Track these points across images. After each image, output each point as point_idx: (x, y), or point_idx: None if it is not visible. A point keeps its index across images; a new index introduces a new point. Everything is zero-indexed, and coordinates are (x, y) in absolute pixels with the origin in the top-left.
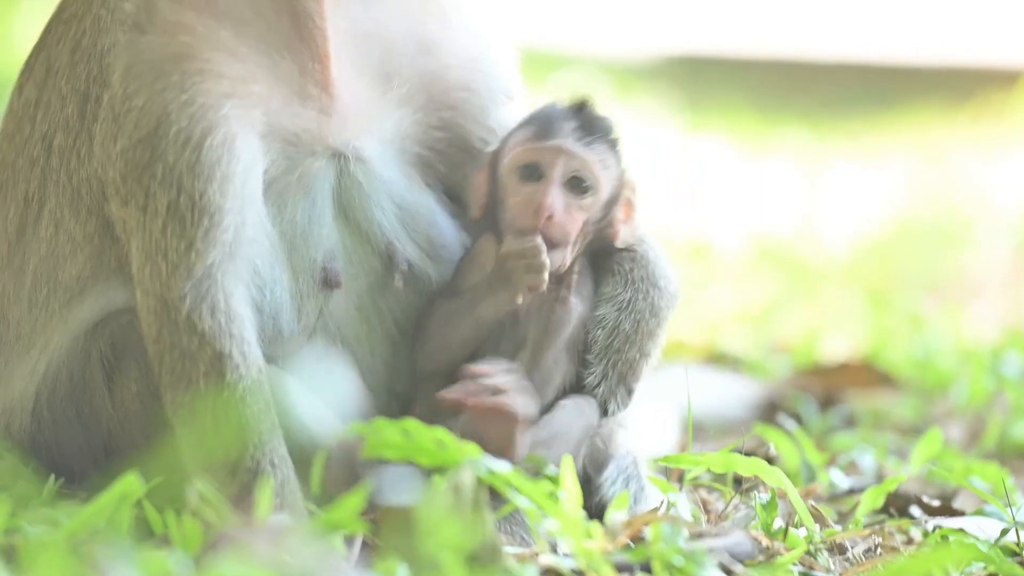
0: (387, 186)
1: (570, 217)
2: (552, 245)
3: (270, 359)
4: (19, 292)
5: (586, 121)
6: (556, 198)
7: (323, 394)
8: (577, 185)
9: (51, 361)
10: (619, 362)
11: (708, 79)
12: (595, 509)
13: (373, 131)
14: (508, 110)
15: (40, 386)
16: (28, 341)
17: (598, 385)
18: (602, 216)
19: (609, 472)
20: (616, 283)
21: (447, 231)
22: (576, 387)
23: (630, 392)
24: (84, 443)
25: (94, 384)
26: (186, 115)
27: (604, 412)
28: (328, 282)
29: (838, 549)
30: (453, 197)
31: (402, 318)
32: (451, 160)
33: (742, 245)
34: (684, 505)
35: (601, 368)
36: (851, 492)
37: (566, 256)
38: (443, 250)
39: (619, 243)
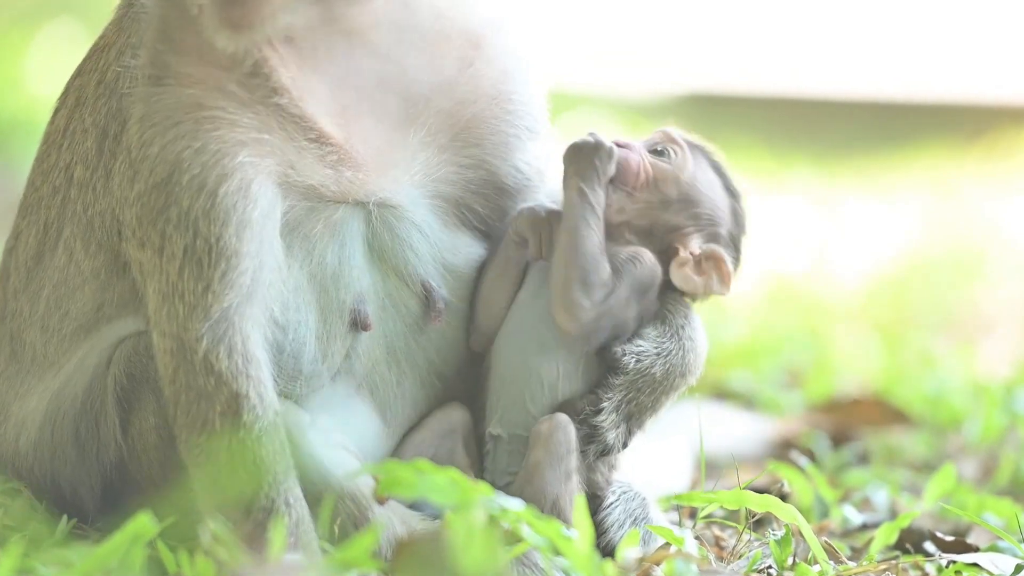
0: (419, 227)
1: (637, 156)
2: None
3: (288, 397)
4: (34, 315)
5: (705, 147)
6: (638, 146)
7: (340, 434)
8: (660, 152)
9: (64, 386)
10: (634, 400)
11: (720, 117)
12: (602, 552)
13: (399, 176)
14: (535, 146)
15: (51, 407)
16: (42, 364)
17: (612, 412)
18: (661, 211)
19: (616, 516)
20: (664, 331)
21: (470, 266)
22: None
23: (630, 433)
24: (84, 473)
25: (107, 417)
26: (199, 162)
27: (603, 444)
28: (357, 324)
29: None
30: (484, 234)
31: (437, 359)
32: (484, 197)
33: (754, 282)
34: (692, 544)
35: (618, 397)
36: (864, 528)
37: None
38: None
39: (674, 277)
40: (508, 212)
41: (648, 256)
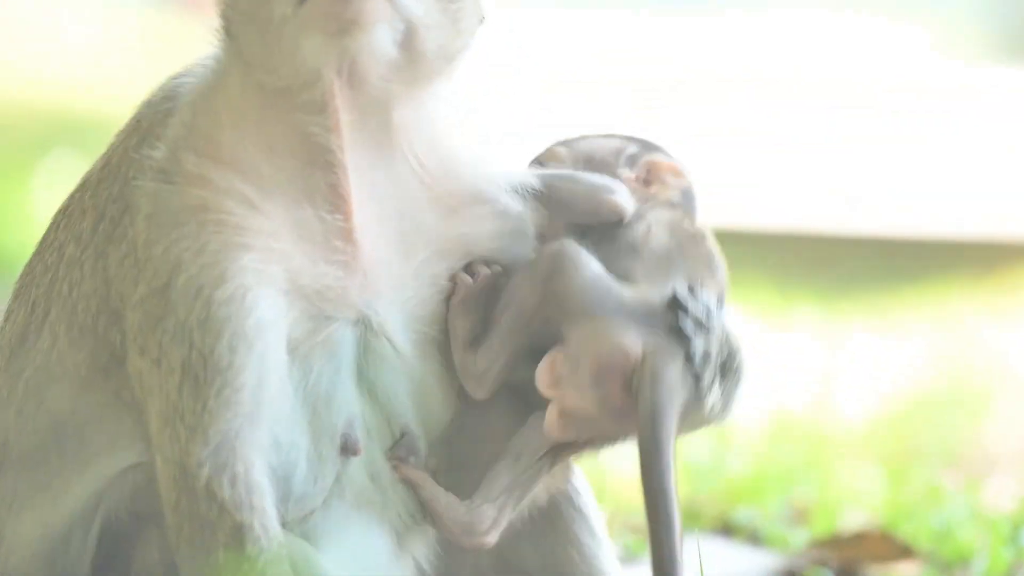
0: (406, 366)
1: None
2: None
3: (283, 523)
4: (12, 398)
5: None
6: None
7: (340, 562)
8: None
9: (60, 532)
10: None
11: (726, 253)
12: None
13: (395, 298)
14: None
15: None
16: (26, 465)
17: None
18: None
19: None
20: None
21: (449, 414)
22: None
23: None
24: None
25: (111, 562)
26: (197, 264)
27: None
28: (347, 448)
29: None
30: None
31: (409, 498)
32: None
33: (759, 416)
34: None
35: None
36: None
37: None
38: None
39: None
40: None
41: None
